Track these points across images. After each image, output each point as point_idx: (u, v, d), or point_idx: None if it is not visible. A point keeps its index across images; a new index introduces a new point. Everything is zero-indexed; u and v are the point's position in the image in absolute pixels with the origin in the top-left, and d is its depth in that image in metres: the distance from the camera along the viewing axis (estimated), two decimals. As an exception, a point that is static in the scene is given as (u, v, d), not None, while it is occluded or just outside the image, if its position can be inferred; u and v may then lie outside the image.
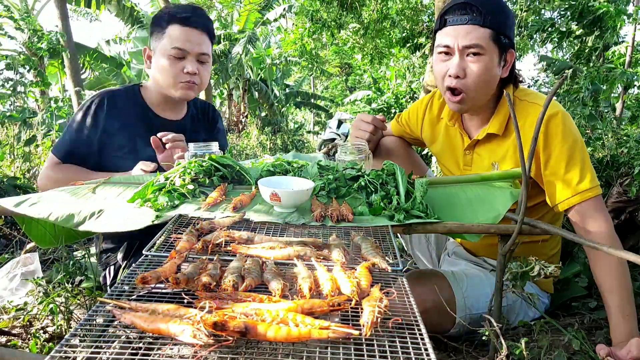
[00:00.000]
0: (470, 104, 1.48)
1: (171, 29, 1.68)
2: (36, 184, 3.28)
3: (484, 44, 1.37)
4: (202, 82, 1.76)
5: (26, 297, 1.66)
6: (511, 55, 1.44)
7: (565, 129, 1.38)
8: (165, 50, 1.68)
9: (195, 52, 1.70)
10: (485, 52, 1.38)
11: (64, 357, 0.65)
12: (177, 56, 1.68)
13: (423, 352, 0.69)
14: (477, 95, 1.45)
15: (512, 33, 1.45)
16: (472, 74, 1.40)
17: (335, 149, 1.85)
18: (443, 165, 1.77)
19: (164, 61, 1.69)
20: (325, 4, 8.28)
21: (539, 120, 0.91)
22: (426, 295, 1.39)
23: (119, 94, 1.79)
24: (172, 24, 1.68)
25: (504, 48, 1.41)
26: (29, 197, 1.30)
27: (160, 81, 1.74)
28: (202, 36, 1.72)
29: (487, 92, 1.46)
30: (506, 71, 1.46)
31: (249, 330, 0.68)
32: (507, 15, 1.42)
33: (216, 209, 1.24)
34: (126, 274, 0.90)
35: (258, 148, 9.33)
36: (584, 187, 1.35)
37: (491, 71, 1.41)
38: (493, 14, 1.37)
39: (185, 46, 1.68)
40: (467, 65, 1.40)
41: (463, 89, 1.43)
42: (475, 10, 1.37)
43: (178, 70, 1.69)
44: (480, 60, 1.39)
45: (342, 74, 17.21)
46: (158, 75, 1.73)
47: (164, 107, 1.83)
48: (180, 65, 1.69)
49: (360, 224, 1.20)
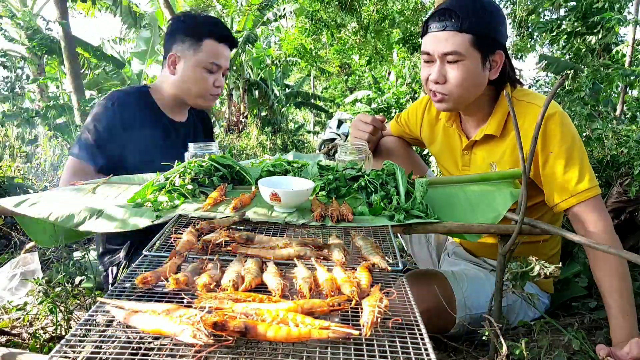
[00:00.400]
0: (454, 105, 1.49)
1: (209, 44, 1.76)
2: (37, 183, 3.28)
3: (462, 50, 1.38)
4: (221, 91, 1.89)
5: (26, 297, 1.66)
6: (500, 56, 1.43)
7: (564, 129, 1.38)
8: (202, 63, 1.76)
9: (225, 67, 1.83)
10: (465, 58, 1.39)
11: (64, 357, 0.65)
12: (212, 70, 1.78)
13: (423, 352, 0.69)
14: (460, 98, 1.46)
15: (500, 34, 1.43)
16: (452, 80, 1.42)
17: (335, 149, 1.85)
18: (442, 165, 1.77)
19: (199, 72, 1.77)
20: (325, 4, 8.28)
21: (539, 120, 0.91)
22: (426, 295, 1.39)
23: (131, 94, 1.81)
24: (210, 38, 1.76)
25: (488, 51, 1.40)
26: (29, 197, 1.30)
27: (188, 89, 1.80)
28: (229, 52, 1.85)
29: (473, 94, 1.46)
30: (495, 72, 1.45)
31: (249, 330, 0.68)
32: (492, 17, 1.40)
33: (216, 209, 1.24)
34: (126, 273, 0.90)
35: (258, 148, 9.33)
36: (583, 188, 1.35)
37: (473, 75, 1.41)
38: (473, 19, 1.36)
39: (221, 63, 1.80)
40: (447, 71, 1.42)
41: (445, 93, 1.44)
42: (454, 16, 1.37)
43: (210, 83, 1.79)
44: (460, 66, 1.39)
45: (342, 74, 17.21)
46: (188, 84, 1.79)
47: (172, 109, 1.88)
48: (212, 78, 1.80)
49: (360, 224, 1.19)
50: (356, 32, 9.47)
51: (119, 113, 1.71)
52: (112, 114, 1.71)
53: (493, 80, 1.46)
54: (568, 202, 1.37)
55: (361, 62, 10.66)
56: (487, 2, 1.41)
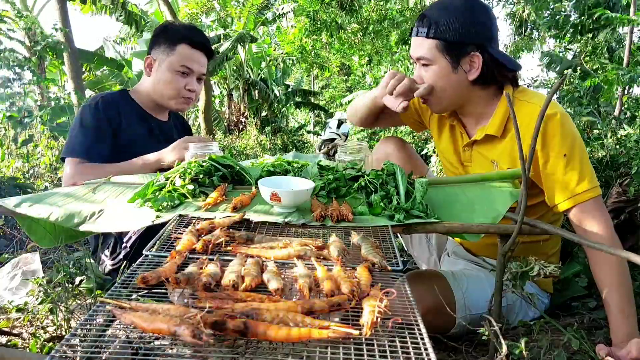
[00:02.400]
0: (437, 108, 1.55)
1: (182, 48, 1.85)
2: (36, 183, 3.28)
3: (429, 56, 1.43)
4: (196, 97, 1.97)
5: (26, 297, 1.67)
6: (477, 58, 1.42)
7: (564, 129, 1.37)
8: (173, 66, 1.85)
9: (199, 72, 1.90)
10: (433, 62, 1.44)
11: (64, 357, 0.65)
12: (183, 72, 1.86)
13: (423, 352, 0.69)
14: (439, 100, 1.50)
15: (475, 35, 1.41)
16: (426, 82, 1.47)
17: (335, 149, 1.85)
18: (446, 159, 1.76)
19: (170, 75, 1.86)
20: (325, 5, 8.29)
21: (538, 120, 0.91)
22: (425, 295, 1.39)
23: (114, 96, 1.91)
24: (183, 43, 1.85)
25: (459, 54, 1.41)
26: (29, 197, 1.30)
27: (160, 91, 1.88)
28: (204, 58, 1.92)
29: (452, 95, 1.49)
30: (475, 73, 1.44)
31: (249, 330, 0.68)
32: (467, 20, 1.39)
33: (216, 209, 1.24)
34: (126, 274, 0.90)
35: (258, 148, 9.32)
36: (583, 189, 1.35)
37: (443, 79, 1.45)
38: (440, 25, 1.40)
39: (193, 66, 1.87)
40: (422, 74, 1.48)
41: (425, 95, 1.49)
42: (425, 23, 1.42)
43: (181, 86, 1.88)
44: (429, 70, 1.46)
45: (342, 74, 17.22)
46: (160, 85, 1.88)
47: (154, 109, 1.97)
48: (184, 81, 1.88)
49: (360, 224, 1.20)
50: (356, 32, 9.47)
51: (103, 110, 1.80)
52: (97, 111, 1.79)
53: (479, 80, 1.46)
54: (568, 202, 1.37)
55: (360, 62, 10.66)
56: (463, 6, 1.41)
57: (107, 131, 1.79)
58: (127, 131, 1.83)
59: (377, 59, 10.11)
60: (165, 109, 1.99)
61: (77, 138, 1.77)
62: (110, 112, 1.81)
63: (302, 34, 9.40)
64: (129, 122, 1.85)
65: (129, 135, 1.83)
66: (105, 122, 1.79)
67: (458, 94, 1.49)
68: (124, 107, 1.87)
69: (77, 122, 1.80)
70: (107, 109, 1.81)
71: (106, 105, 1.82)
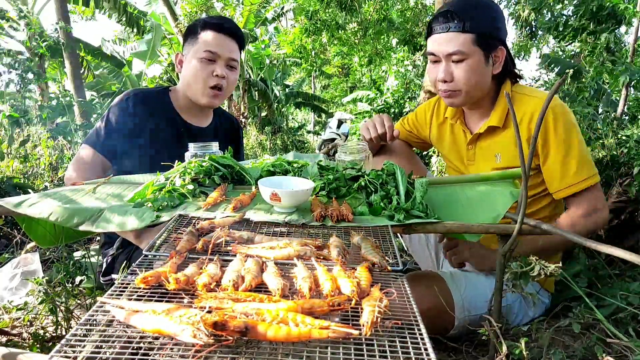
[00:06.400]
0: (463, 101, 1.56)
1: (204, 34, 1.75)
2: (36, 183, 3.28)
3: (465, 50, 1.45)
4: (228, 86, 1.80)
5: (26, 297, 1.66)
6: (501, 52, 1.51)
7: (563, 118, 1.44)
8: (198, 52, 1.74)
9: (226, 56, 1.76)
10: (469, 56, 1.46)
11: (64, 357, 0.65)
12: (208, 58, 1.74)
13: (423, 352, 0.69)
14: (468, 94, 1.53)
15: (500, 30, 1.50)
16: (459, 78, 1.49)
17: (335, 149, 1.85)
18: (449, 161, 1.81)
19: (196, 63, 1.74)
20: (325, 5, 8.28)
21: (540, 118, 0.91)
22: (424, 297, 1.39)
23: (150, 95, 1.82)
24: (205, 29, 1.75)
25: (490, 48, 1.48)
26: (29, 197, 1.30)
27: (189, 83, 1.78)
28: (232, 43, 1.79)
29: (479, 89, 1.53)
30: (498, 67, 1.52)
31: (249, 330, 0.68)
32: (492, 15, 1.49)
33: (216, 209, 1.24)
34: (126, 274, 0.90)
35: (258, 148, 9.31)
36: (581, 177, 1.43)
37: (478, 72, 1.49)
38: (474, 19, 1.44)
39: (217, 50, 1.74)
40: (453, 69, 1.49)
41: (453, 89, 1.52)
42: (457, 18, 1.44)
43: (208, 73, 1.74)
44: (465, 64, 1.47)
45: (342, 74, 17.21)
46: (188, 77, 1.77)
47: (190, 113, 1.86)
48: (210, 68, 1.75)
49: (360, 224, 1.19)
50: (355, 32, 9.46)
51: (132, 109, 1.73)
52: (125, 110, 1.74)
53: (496, 75, 1.54)
54: (566, 190, 1.45)
55: (360, 63, 10.66)
56: (485, 2, 1.50)
57: (125, 129, 1.72)
58: (151, 132, 1.74)
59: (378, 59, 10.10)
60: (203, 110, 1.89)
61: (95, 129, 1.76)
62: (137, 109, 1.74)
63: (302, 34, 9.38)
64: (157, 122, 1.76)
65: (152, 137, 1.74)
66: (128, 118, 1.72)
67: (483, 87, 1.54)
68: (155, 106, 1.78)
69: (105, 114, 1.77)
70: (136, 106, 1.74)
71: (135, 102, 1.74)
